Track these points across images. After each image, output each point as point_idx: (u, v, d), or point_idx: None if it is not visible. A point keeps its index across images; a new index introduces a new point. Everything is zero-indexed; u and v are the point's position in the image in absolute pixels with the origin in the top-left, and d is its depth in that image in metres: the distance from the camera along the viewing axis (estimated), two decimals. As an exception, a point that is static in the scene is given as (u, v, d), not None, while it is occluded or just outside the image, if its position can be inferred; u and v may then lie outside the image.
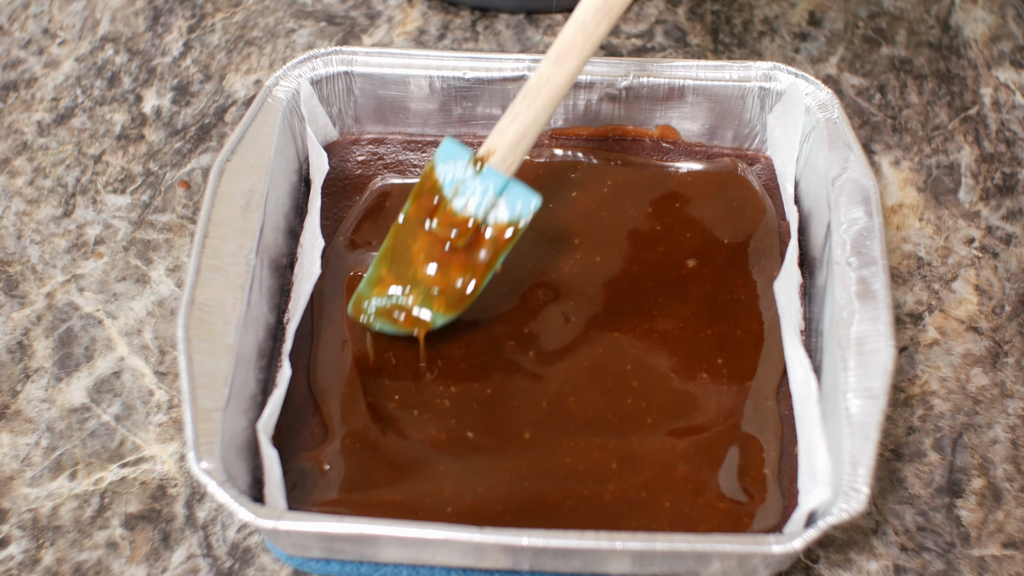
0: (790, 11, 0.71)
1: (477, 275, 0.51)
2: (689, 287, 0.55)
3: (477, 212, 0.50)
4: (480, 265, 0.51)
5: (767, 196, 0.58)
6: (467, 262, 0.51)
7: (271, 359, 0.53)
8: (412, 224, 0.51)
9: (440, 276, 0.51)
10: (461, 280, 0.51)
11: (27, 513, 0.52)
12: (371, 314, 0.52)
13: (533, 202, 0.50)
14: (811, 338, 0.53)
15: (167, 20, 0.71)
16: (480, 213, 0.50)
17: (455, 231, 0.51)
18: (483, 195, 0.50)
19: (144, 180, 0.63)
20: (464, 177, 0.50)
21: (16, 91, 0.67)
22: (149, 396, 0.55)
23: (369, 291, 0.52)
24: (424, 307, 0.51)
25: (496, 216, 0.51)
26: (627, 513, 0.48)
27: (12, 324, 0.57)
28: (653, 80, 0.58)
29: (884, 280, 0.49)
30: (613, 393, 0.52)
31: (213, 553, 0.50)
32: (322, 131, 0.60)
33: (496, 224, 0.51)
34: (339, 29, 0.70)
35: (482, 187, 0.50)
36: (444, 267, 0.51)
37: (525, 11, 0.71)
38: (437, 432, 0.50)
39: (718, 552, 0.44)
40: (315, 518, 0.44)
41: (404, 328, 0.52)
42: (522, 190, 0.51)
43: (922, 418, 0.54)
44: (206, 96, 0.67)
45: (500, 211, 0.51)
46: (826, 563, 0.50)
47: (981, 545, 0.51)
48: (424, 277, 0.51)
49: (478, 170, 0.50)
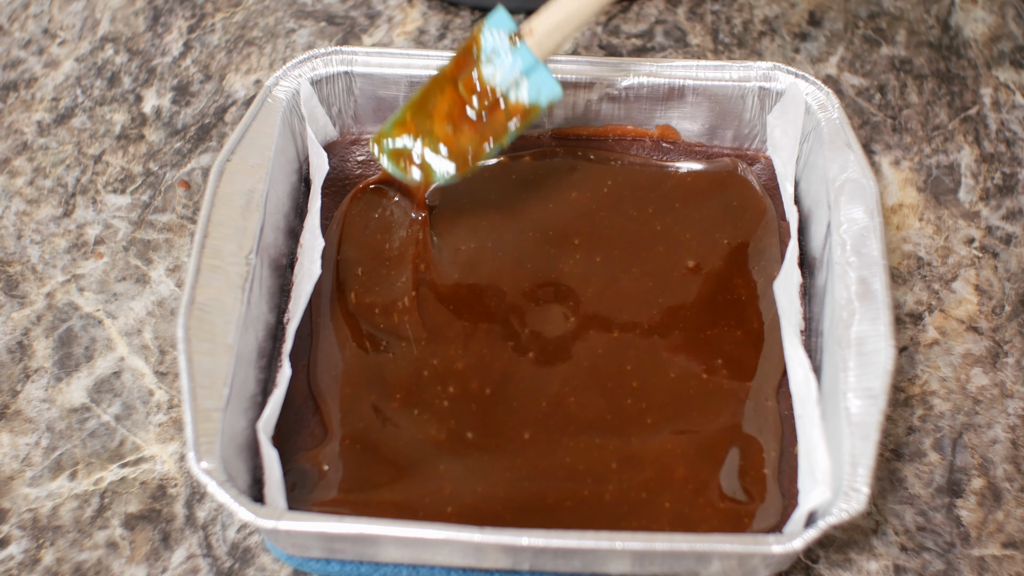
0: (790, 11, 0.71)
1: (485, 145, 0.53)
2: (689, 287, 0.55)
3: (501, 84, 0.52)
4: (489, 136, 0.53)
5: (767, 196, 0.58)
6: (478, 130, 0.53)
7: (271, 359, 0.53)
8: (444, 80, 0.53)
9: (452, 136, 0.53)
10: (469, 147, 0.53)
11: (27, 513, 0.52)
12: (387, 151, 0.54)
13: (555, 91, 0.52)
14: (811, 338, 0.53)
15: (167, 20, 0.71)
16: (503, 86, 0.52)
17: (476, 97, 0.52)
18: (511, 70, 0.52)
19: (144, 180, 0.63)
20: (500, 47, 0.52)
21: (16, 91, 0.67)
22: (149, 396, 0.55)
23: (390, 131, 0.54)
24: (430, 160, 0.54)
25: (517, 95, 0.52)
26: (627, 513, 0.48)
27: (12, 324, 0.57)
28: (653, 80, 0.58)
29: (884, 280, 0.49)
30: (613, 393, 0.52)
31: (213, 553, 0.50)
32: (322, 131, 0.60)
33: (516, 102, 0.52)
34: (339, 29, 0.70)
35: (512, 62, 0.52)
36: (458, 128, 0.53)
37: (525, 11, 0.70)
38: (437, 432, 0.50)
39: (718, 552, 0.44)
40: (315, 518, 0.44)
41: (405, 175, 0.54)
42: (547, 77, 0.52)
43: (922, 418, 0.54)
44: (206, 96, 0.67)
45: (522, 91, 0.52)
46: (826, 563, 0.50)
47: (981, 545, 0.51)
48: (439, 132, 0.53)
49: (514, 44, 0.52)
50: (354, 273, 0.55)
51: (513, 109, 0.52)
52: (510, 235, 0.57)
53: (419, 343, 0.53)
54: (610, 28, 0.70)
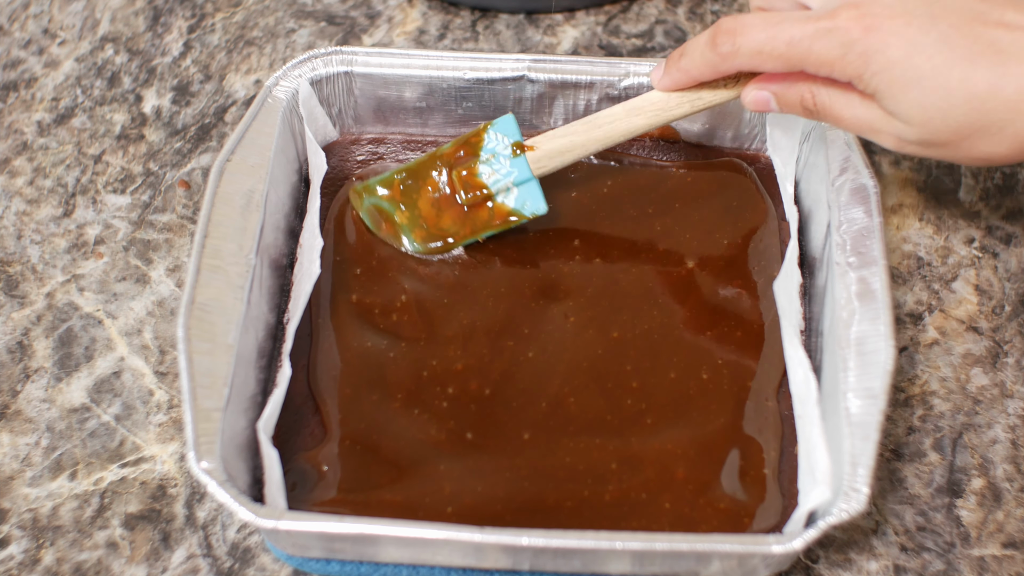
0: (790, 11, 0.71)
1: (461, 234, 0.55)
2: (689, 287, 0.55)
3: (493, 186, 0.54)
4: (468, 228, 0.55)
5: (767, 196, 0.58)
6: (460, 219, 0.55)
7: (271, 359, 0.53)
8: (441, 160, 0.55)
9: (434, 215, 0.55)
10: (448, 230, 0.55)
11: (27, 513, 0.52)
12: (364, 206, 0.56)
13: (539, 208, 0.54)
14: (811, 338, 0.53)
15: (167, 20, 0.71)
16: (495, 188, 0.54)
17: (467, 189, 0.54)
18: (505, 176, 0.54)
19: (144, 180, 0.63)
20: (501, 153, 0.54)
21: (16, 91, 0.67)
22: (149, 396, 0.55)
23: (375, 189, 0.56)
24: (406, 230, 0.55)
25: (504, 199, 0.54)
26: (627, 514, 0.48)
27: (12, 324, 0.57)
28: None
29: (884, 280, 0.49)
30: (613, 394, 0.52)
31: (213, 553, 0.50)
32: (322, 131, 0.60)
33: (500, 205, 0.54)
34: (339, 29, 0.70)
35: (508, 170, 0.54)
36: (441, 211, 0.55)
37: (525, 11, 0.71)
38: (437, 432, 0.50)
39: (718, 552, 0.44)
40: (315, 518, 0.44)
41: (379, 233, 0.56)
42: (536, 193, 0.54)
43: (922, 418, 0.54)
44: (206, 96, 0.67)
45: (510, 197, 0.54)
46: (826, 563, 0.50)
47: (981, 545, 0.51)
48: (423, 208, 0.55)
49: (514, 154, 0.54)
50: (353, 273, 0.55)
51: (497, 210, 0.55)
52: (510, 235, 0.57)
53: (418, 343, 0.53)
54: (610, 28, 0.70)
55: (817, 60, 0.45)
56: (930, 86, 0.43)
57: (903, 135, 0.45)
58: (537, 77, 0.58)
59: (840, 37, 0.44)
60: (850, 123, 0.47)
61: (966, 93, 0.43)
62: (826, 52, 0.44)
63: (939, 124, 0.44)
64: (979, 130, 0.44)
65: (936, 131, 0.44)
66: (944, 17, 0.43)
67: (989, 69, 0.42)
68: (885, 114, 0.45)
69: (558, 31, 0.70)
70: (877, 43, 0.43)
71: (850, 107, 0.46)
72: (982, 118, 0.43)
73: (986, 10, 0.44)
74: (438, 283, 0.55)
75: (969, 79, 0.43)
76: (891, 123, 0.45)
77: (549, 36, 0.70)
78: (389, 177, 0.56)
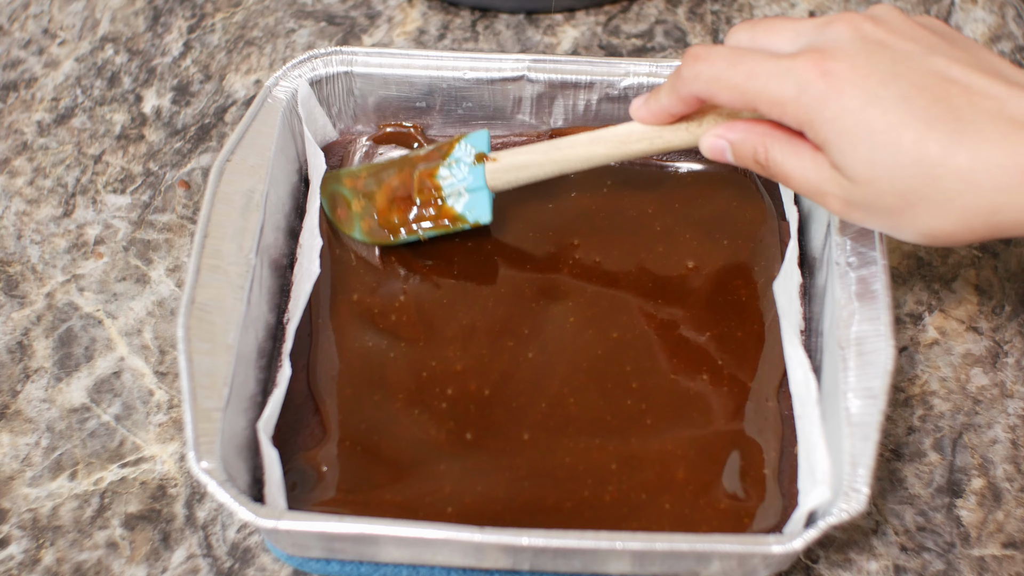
0: (790, 11, 0.71)
1: (406, 229, 0.56)
2: (689, 287, 0.55)
3: (447, 188, 0.55)
4: (412, 225, 0.55)
5: (767, 196, 0.58)
6: (408, 216, 0.55)
7: (271, 359, 0.53)
8: (408, 161, 0.56)
9: (385, 209, 0.56)
10: (394, 223, 0.55)
11: (27, 513, 0.52)
12: (328, 190, 0.57)
13: (483, 217, 0.55)
14: (811, 338, 0.53)
15: (167, 20, 0.71)
16: (447, 191, 0.55)
17: (423, 188, 0.55)
18: (460, 181, 0.54)
19: (144, 180, 0.63)
20: (464, 160, 0.54)
21: (16, 91, 0.67)
22: (149, 396, 0.55)
23: (340, 178, 0.57)
24: (356, 218, 0.56)
25: (454, 202, 0.55)
26: (627, 514, 0.48)
27: (12, 324, 0.57)
28: (653, 80, 0.58)
29: (884, 280, 0.49)
30: (613, 394, 0.52)
31: (213, 553, 0.50)
32: (321, 131, 0.60)
33: (448, 207, 0.55)
34: (339, 29, 0.70)
35: (464, 175, 0.54)
36: (393, 205, 0.55)
37: (525, 11, 0.71)
38: (437, 432, 0.50)
39: (718, 552, 0.44)
40: (315, 518, 0.44)
41: (331, 217, 0.57)
42: (484, 202, 0.54)
43: (922, 418, 0.54)
44: (206, 96, 0.67)
45: (460, 202, 0.55)
46: (826, 563, 0.50)
47: (981, 545, 0.51)
48: (378, 200, 0.56)
49: (475, 162, 0.54)
50: (353, 273, 0.55)
51: (445, 212, 0.55)
52: (509, 235, 0.57)
53: (418, 343, 0.53)
54: (610, 28, 0.70)
55: (770, 98, 0.43)
56: (881, 142, 0.41)
57: (849, 195, 0.43)
58: (537, 77, 0.58)
59: (797, 78, 0.42)
60: (798, 182, 0.45)
61: (916, 155, 0.41)
62: (779, 91, 0.43)
63: (885, 185, 0.42)
64: (925, 198, 0.41)
65: (882, 192, 0.42)
66: (907, 75, 0.42)
67: (945, 134, 0.41)
68: (833, 171, 0.43)
69: (558, 31, 0.70)
70: (832, 89, 0.42)
71: (800, 163, 0.45)
72: (930, 185, 0.41)
73: (955, 74, 0.42)
74: (438, 283, 0.55)
75: (922, 141, 0.41)
76: (838, 182, 0.43)
77: (549, 36, 0.70)
78: (358, 169, 0.57)
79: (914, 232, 0.43)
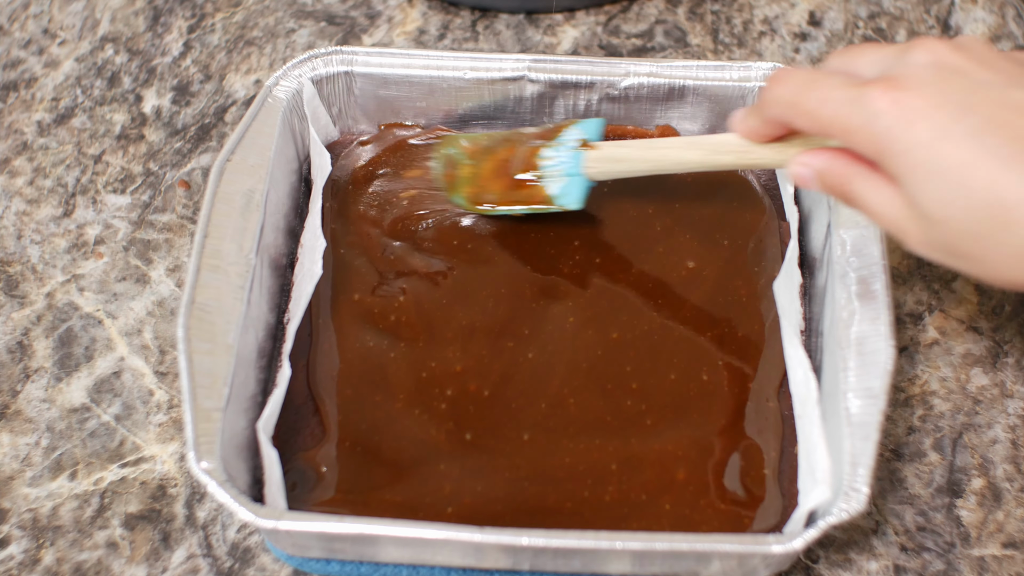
0: (790, 11, 0.71)
1: (499, 201, 0.56)
2: (689, 288, 0.55)
3: (542, 167, 0.55)
4: (507, 200, 0.56)
5: (767, 196, 0.58)
6: (505, 190, 0.55)
7: (271, 359, 0.53)
8: (521, 138, 0.56)
9: (488, 179, 0.56)
10: (493, 195, 0.56)
11: (27, 513, 0.52)
12: (443, 152, 0.58)
13: (571, 203, 0.54)
14: (811, 338, 0.53)
15: (167, 20, 0.71)
16: (546, 171, 0.54)
17: (524, 163, 0.55)
18: (558, 164, 0.54)
19: (144, 180, 0.63)
20: (568, 144, 0.54)
21: (16, 91, 0.67)
22: (149, 396, 0.55)
23: (458, 143, 0.58)
24: (461, 183, 0.57)
25: (548, 184, 0.55)
26: (627, 515, 0.48)
27: (12, 324, 0.57)
28: (653, 80, 0.58)
29: (884, 280, 0.49)
30: (613, 394, 0.52)
31: (213, 553, 0.50)
32: (323, 131, 0.60)
33: (540, 188, 0.55)
34: (339, 29, 0.70)
35: (565, 160, 0.54)
36: (496, 177, 0.56)
37: (525, 11, 0.71)
38: (436, 433, 0.50)
39: (718, 552, 0.44)
40: (315, 518, 0.44)
41: (439, 176, 0.58)
42: (578, 190, 0.54)
43: (922, 418, 0.54)
44: (206, 96, 0.67)
45: (552, 184, 0.54)
46: (826, 563, 0.50)
47: (981, 545, 0.51)
48: (483, 168, 0.56)
49: (578, 147, 0.54)
50: (354, 273, 0.55)
51: (536, 192, 0.55)
52: (510, 235, 0.57)
53: (418, 344, 0.53)
54: (610, 28, 0.70)
55: (841, 126, 0.41)
56: (952, 180, 0.38)
57: (928, 235, 0.40)
58: (537, 77, 0.58)
59: (867, 106, 0.40)
60: (880, 219, 0.42)
61: (989, 196, 0.37)
62: (849, 119, 0.40)
63: (960, 226, 0.39)
64: (1002, 244, 0.38)
65: (958, 234, 0.39)
66: (981, 108, 0.38)
67: (1021, 175, 0.37)
68: (909, 207, 0.40)
69: (558, 31, 0.70)
70: (902, 120, 0.39)
71: (879, 198, 0.41)
72: (1006, 229, 0.38)
73: None
74: (438, 283, 0.55)
75: (995, 181, 0.37)
76: (915, 220, 0.40)
77: (549, 36, 0.70)
78: (480, 137, 0.58)
79: (999, 280, 0.40)
